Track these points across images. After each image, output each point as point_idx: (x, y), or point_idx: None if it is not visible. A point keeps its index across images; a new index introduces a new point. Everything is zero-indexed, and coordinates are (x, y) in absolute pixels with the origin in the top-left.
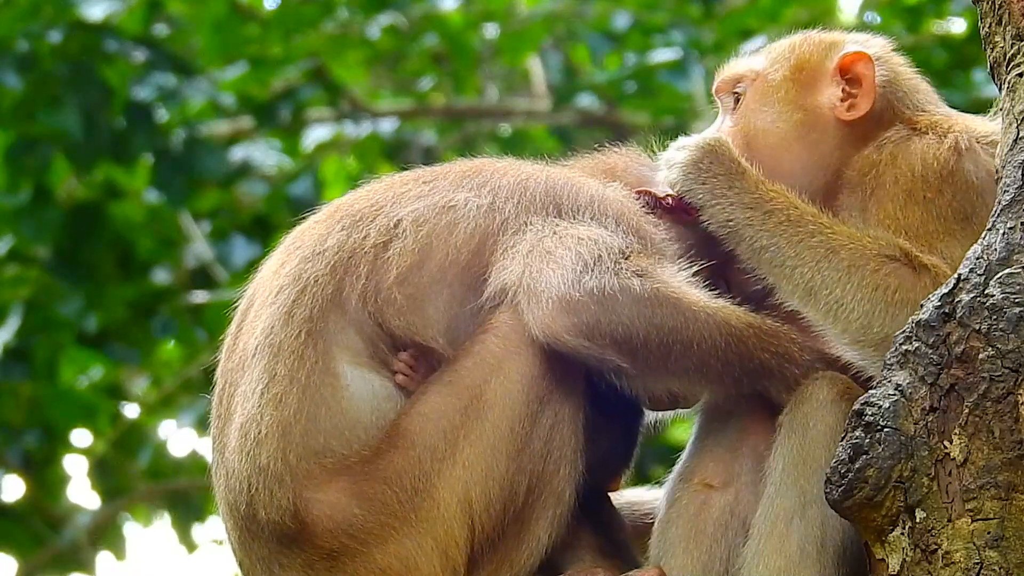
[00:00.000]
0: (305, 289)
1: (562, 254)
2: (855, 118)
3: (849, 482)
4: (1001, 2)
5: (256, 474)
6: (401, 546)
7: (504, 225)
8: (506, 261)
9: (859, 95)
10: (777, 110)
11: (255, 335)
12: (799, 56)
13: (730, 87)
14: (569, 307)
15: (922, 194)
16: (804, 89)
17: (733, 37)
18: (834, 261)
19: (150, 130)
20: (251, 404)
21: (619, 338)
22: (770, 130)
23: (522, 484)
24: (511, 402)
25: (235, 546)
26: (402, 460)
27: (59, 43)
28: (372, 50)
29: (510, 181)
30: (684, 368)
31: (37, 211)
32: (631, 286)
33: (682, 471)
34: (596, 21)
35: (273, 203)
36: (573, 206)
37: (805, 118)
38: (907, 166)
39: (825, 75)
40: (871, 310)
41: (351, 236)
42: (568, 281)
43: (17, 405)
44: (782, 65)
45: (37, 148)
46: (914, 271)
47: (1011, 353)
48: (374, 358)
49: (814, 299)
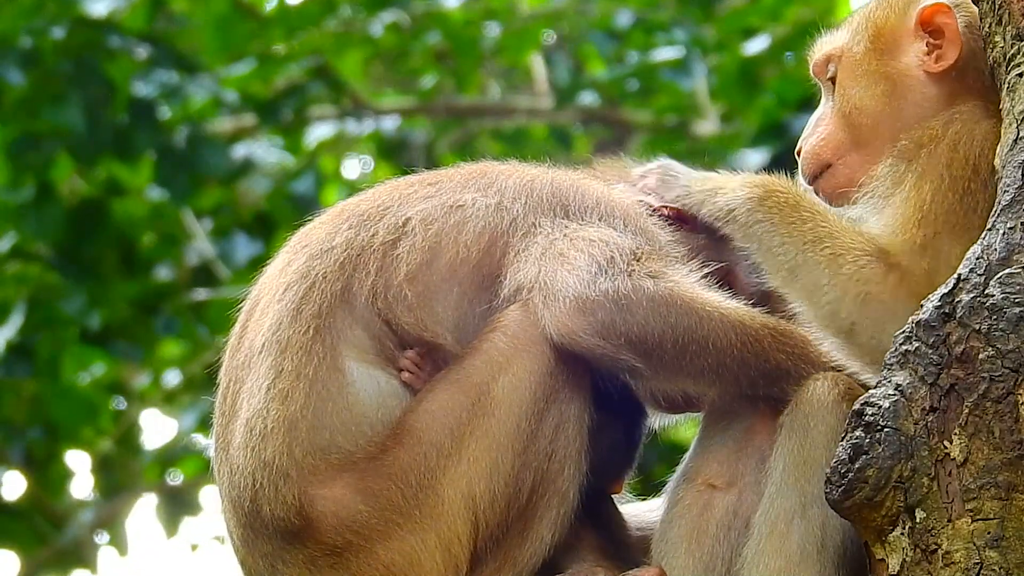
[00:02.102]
0: (314, 285)
1: (575, 256)
2: (944, 68)
3: (849, 482)
4: (1001, 2)
5: (261, 469)
6: (405, 542)
7: (513, 225)
8: (519, 264)
9: (944, 44)
10: (865, 84)
11: (262, 332)
12: (876, 23)
13: (823, 68)
14: (585, 307)
15: (967, 183)
16: (888, 55)
17: (735, 35)
18: (819, 247)
19: (153, 127)
20: (257, 400)
21: (634, 338)
22: (863, 107)
23: (527, 482)
24: (518, 400)
25: (237, 543)
26: (407, 456)
27: (62, 39)
28: (375, 48)
29: (516, 182)
30: (700, 368)
31: (40, 208)
32: (645, 287)
33: (686, 470)
34: (598, 19)
35: (275, 200)
36: (580, 207)
37: (895, 86)
38: (965, 154)
39: (907, 33)
40: (841, 297)
41: (359, 234)
42: (584, 282)
43: (19, 402)
44: (862, 36)
45: (40, 145)
46: (884, 269)
47: (1011, 353)
48: (380, 355)
49: (794, 279)
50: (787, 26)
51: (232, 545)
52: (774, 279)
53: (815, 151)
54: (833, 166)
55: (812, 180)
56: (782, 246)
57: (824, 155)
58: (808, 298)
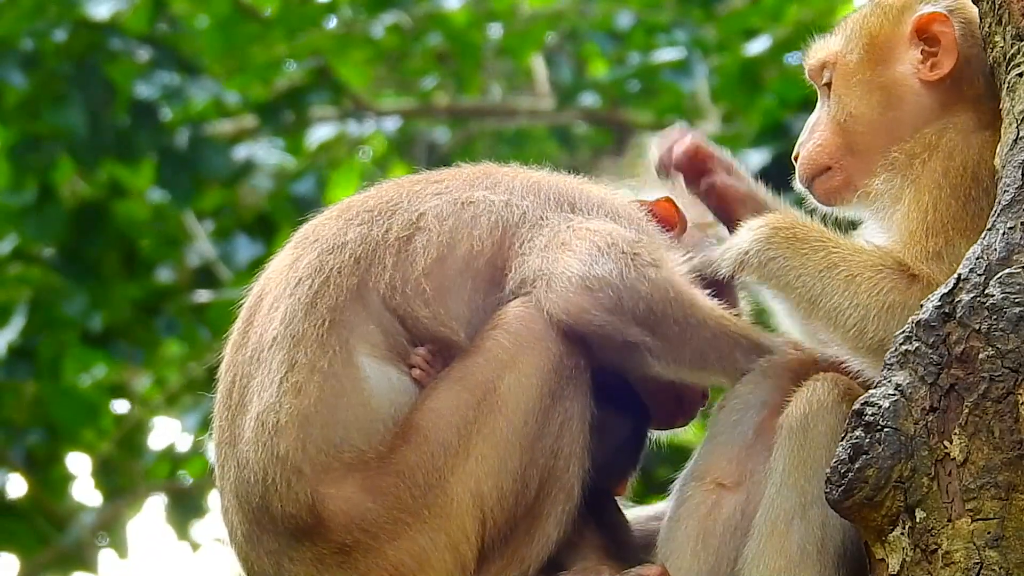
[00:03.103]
0: (329, 279)
1: (577, 244)
2: (940, 77)
3: (849, 482)
4: (1001, 2)
5: (273, 464)
6: (413, 542)
7: (523, 218)
8: (524, 256)
9: (940, 53)
10: (860, 93)
11: (272, 326)
12: (871, 30)
13: (819, 74)
14: (592, 285)
15: (968, 190)
16: (882, 63)
17: (736, 36)
18: (835, 272)
19: (154, 129)
20: (269, 393)
21: (641, 313)
22: (859, 115)
23: (534, 480)
24: (524, 397)
25: (241, 540)
26: (415, 455)
27: (64, 41)
28: (376, 49)
29: (522, 182)
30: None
31: (41, 209)
32: (646, 269)
33: (694, 469)
34: (599, 20)
35: (276, 202)
36: (586, 205)
37: (890, 95)
38: (961, 162)
39: (901, 41)
40: (865, 315)
41: (372, 230)
42: (587, 263)
43: (20, 404)
44: (856, 43)
45: (41, 146)
46: (907, 280)
47: (1011, 353)
48: (392, 351)
49: (816, 308)
50: (788, 27)
51: (234, 542)
52: (796, 313)
53: (812, 156)
54: (832, 169)
55: (809, 183)
56: (799, 279)
57: (821, 160)
58: (833, 324)
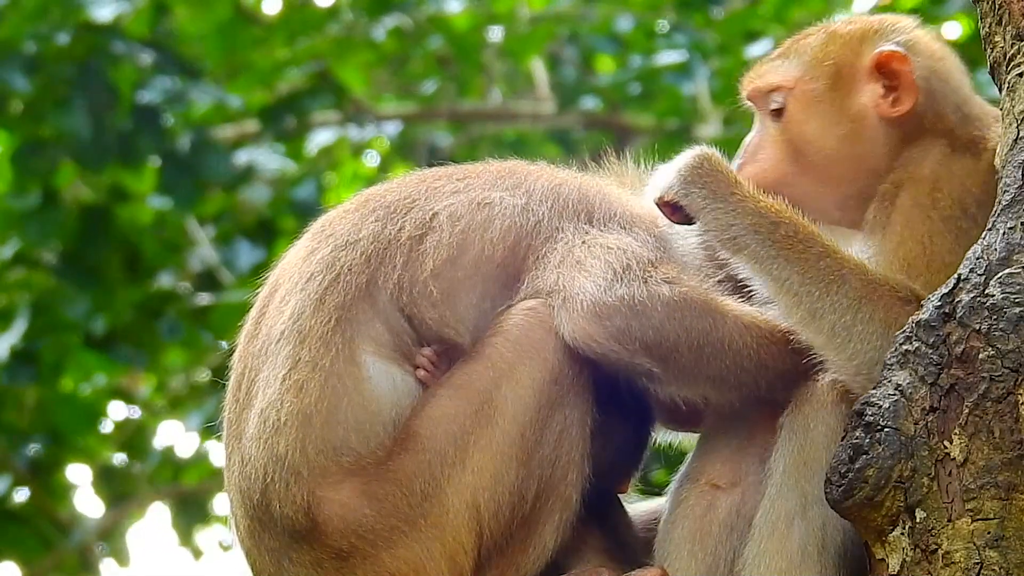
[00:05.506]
0: (339, 276)
1: (592, 263)
2: (901, 114)
3: (849, 482)
4: (1001, 2)
5: (273, 463)
6: (410, 551)
7: (537, 227)
8: (538, 271)
9: (900, 90)
10: (824, 123)
11: (282, 320)
12: (832, 59)
13: (764, 96)
14: (601, 313)
15: (959, 224)
16: (845, 94)
17: (737, 39)
18: (844, 288)
19: (157, 133)
20: (272, 390)
21: (650, 342)
22: (819, 143)
23: (531, 490)
24: (522, 409)
25: (244, 535)
26: (413, 463)
27: (66, 45)
28: (377, 53)
29: (544, 184)
30: (718, 371)
31: (44, 214)
32: (660, 292)
33: (689, 471)
34: (600, 23)
35: (277, 207)
36: (605, 214)
37: (853, 127)
38: (949, 191)
39: (862, 73)
40: (882, 346)
41: (386, 227)
42: (600, 288)
43: (22, 410)
44: (818, 72)
45: (44, 151)
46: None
47: (1011, 353)
48: (398, 351)
49: (817, 322)
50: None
51: (238, 535)
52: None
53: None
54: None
55: None
56: (802, 285)
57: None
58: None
